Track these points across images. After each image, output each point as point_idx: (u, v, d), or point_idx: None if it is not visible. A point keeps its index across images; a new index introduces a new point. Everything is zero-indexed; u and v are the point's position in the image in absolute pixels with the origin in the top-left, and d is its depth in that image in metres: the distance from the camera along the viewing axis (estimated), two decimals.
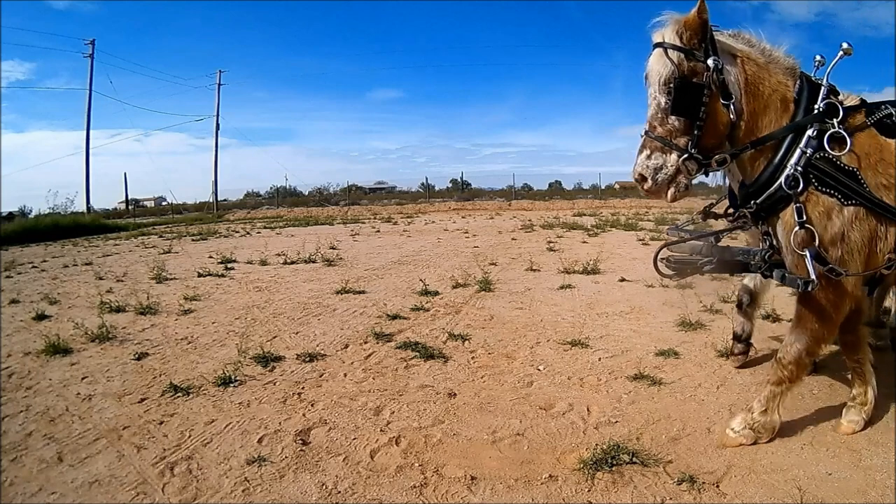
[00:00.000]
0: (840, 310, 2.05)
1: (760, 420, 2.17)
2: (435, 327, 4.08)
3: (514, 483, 1.97)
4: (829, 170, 1.92)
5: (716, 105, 1.92)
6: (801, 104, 1.97)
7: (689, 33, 1.90)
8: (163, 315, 4.68)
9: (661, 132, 1.94)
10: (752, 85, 1.97)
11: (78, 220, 18.43)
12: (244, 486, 1.99)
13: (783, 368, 2.14)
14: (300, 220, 20.90)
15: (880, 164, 1.98)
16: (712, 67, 1.87)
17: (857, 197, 1.92)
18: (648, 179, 1.96)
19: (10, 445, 2.34)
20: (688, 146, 1.91)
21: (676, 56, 1.88)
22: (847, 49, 1.97)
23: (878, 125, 2.02)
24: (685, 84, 1.88)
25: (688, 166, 1.93)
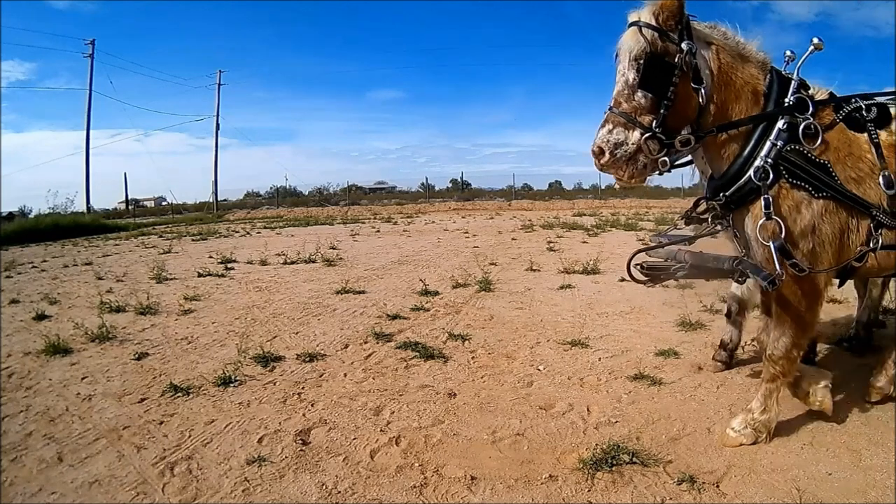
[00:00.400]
0: (818, 300, 2.08)
1: (761, 419, 2.18)
2: (435, 327, 4.08)
3: (514, 483, 1.97)
4: (801, 162, 1.93)
5: (685, 87, 1.90)
6: (772, 97, 1.99)
7: (665, 14, 1.88)
8: (163, 315, 4.68)
9: (627, 108, 1.90)
10: (725, 74, 1.97)
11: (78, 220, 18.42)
12: (244, 486, 1.99)
13: (774, 364, 2.15)
14: (300, 220, 20.90)
15: (849, 157, 2.00)
16: (686, 50, 1.87)
17: (829, 189, 1.93)
18: (606, 153, 1.91)
19: (10, 445, 2.34)
20: (652, 125, 1.88)
21: (650, 34, 1.87)
22: (817, 44, 1.97)
23: (847, 120, 2.04)
24: (656, 60, 1.86)
25: (650, 145, 1.89)
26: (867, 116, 2.04)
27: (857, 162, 2.00)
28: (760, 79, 2.02)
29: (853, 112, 2.04)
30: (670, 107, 1.88)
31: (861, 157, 2.00)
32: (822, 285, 2.07)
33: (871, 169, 1.99)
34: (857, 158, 2.00)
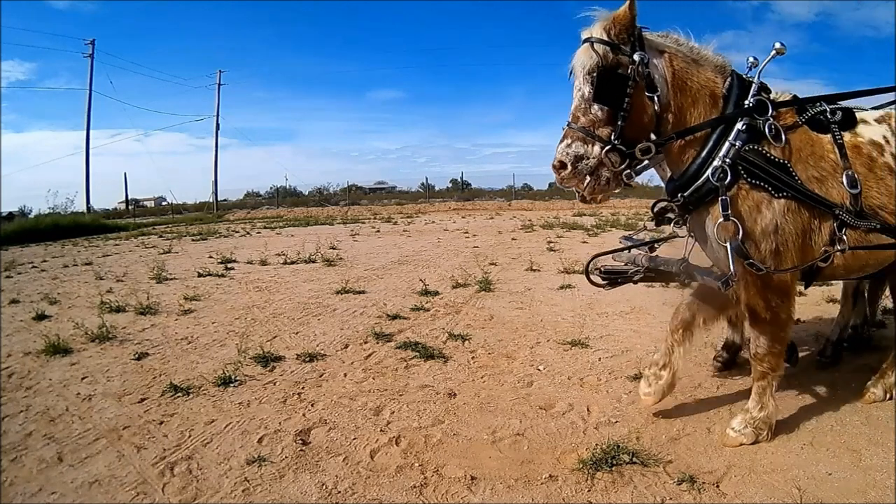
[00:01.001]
0: (789, 295, 2.09)
1: (760, 416, 2.18)
2: (435, 327, 4.08)
3: (514, 483, 1.97)
4: (759, 162, 1.94)
5: (640, 97, 1.93)
6: (731, 100, 2.00)
7: (617, 28, 1.92)
8: (163, 315, 4.68)
9: (584, 122, 1.93)
10: (680, 80, 1.99)
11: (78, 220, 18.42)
12: (244, 486, 1.99)
13: (761, 363, 2.17)
14: (300, 220, 20.90)
15: (811, 157, 2.02)
16: (638, 61, 1.90)
17: (789, 189, 1.94)
18: (568, 166, 1.92)
19: (10, 445, 2.34)
20: (611, 137, 1.91)
21: (602, 49, 1.90)
22: (780, 49, 2.01)
23: (810, 122, 2.06)
24: (609, 73, 1.89)
25: (611, 158, 1.91)
26: (831, 119, 2.06)
27: (820, 161, 2.02)
28: (718, 82, 2.04)
29: (817, 114, 2.06)
30: (627, 117, 1.92)
31: (823, 157, 2.03)
32: (792, 282, 2.09)
33: (833, 168, 2.02)
34: (819, 158, 2.02)
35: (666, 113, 1.99)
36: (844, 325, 3.09)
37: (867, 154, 2.08)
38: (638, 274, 2.23)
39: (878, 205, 2.05)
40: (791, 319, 2.17)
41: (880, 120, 2.20)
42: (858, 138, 2.11)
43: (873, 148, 2.10)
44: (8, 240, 13.33)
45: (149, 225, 19.83)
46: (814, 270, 2.13)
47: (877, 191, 2.05)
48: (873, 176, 2.06)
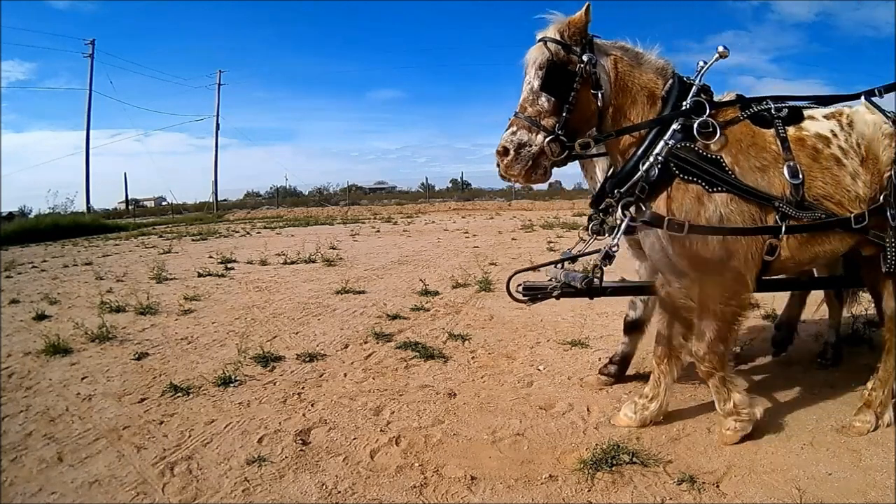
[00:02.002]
0: (736, 294, 2.10)
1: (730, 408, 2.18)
2: (435, 327, 4.08)
3: (514, 483, 1.97)
4: (692, 158, 2.00)
5: (586, 93, 2.03)
6: (670, 101, 2.09)
7: (571, 30, 2.03)
8: (163, 315, 4.68)
9: (531, 112, 2.03)
10: (622, 81, 2.09)
11: (78, 220, 18.43)
12: (244, 486, 1.99)
13: (703, 362, 2.17)
14: (300, 220, 20.90)
15: (752, 147, 2.07)
16: (586, 61, 2.01)
17: (722, 183, 1.99)
18: (511, 152, 2.01)
19: (10, 445, 2.34)
20: (555, 127, 2.00)
21: (554, 46, 2.02)
22: (722, 52, 2.09)
23: (753, 117, 2.12)
24: (558, 68, 2.01)
25: (552, 147, 2.00)
26: (776, 115, 2.13)
27: (761, 152, 2.07)
28: (659, 84, 2.13)
29: (761, 111, 2.13)
30: (571, 110, 2.02)
31: (765, 148, 2.08)
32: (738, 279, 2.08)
33: (774, 159, 2.06)
34: (760, 149, 2.07)
35: (607, 110, 2.09)
36: (838, 326, 3.09)
37: (812, 146, 2.12)
38: (556, 290, 2.26)
39: (822, 194, 2.08)
40: (736, 319, 2.16)
41: (829, 116, 2.24)
42: (803, 132, 2.15)
43: (819, 140, 2.14)
44: (8, 240, 13.33)
45: (149, 225, 19.83)
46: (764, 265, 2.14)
47: (822, 181, 2.08)
48: (818, 166, 2.10)
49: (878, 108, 2.27)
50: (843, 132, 2.18)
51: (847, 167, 2.13)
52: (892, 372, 2.30)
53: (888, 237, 2.14)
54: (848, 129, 2.19)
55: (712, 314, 2.11)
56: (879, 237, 2.14)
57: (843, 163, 2.13)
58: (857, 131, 2.19)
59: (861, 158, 2.15)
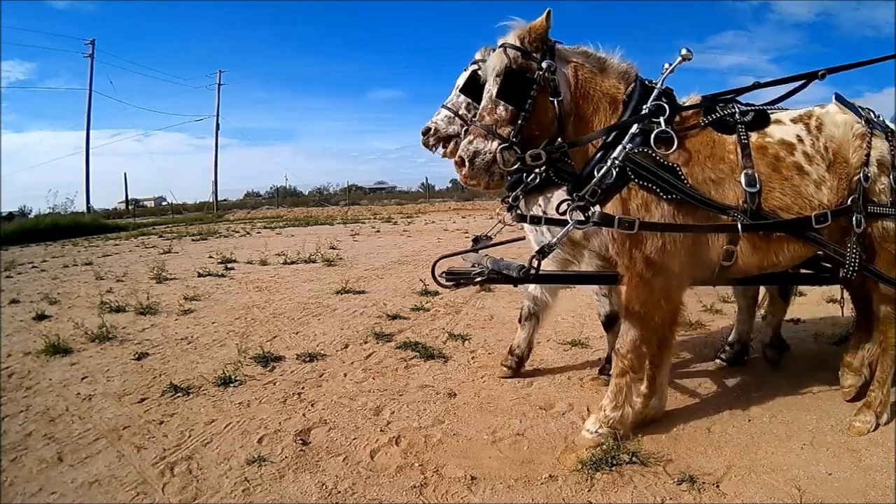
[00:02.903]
0: (669, 297, 2.11)
1: (614, 416, 2.18)
2: (435, 327, 4.09)
3: (514, 483, 1.97)
4: (648, 164, 2.00)
5: (544, 100, 2.02)
6: (630, 105, 2.08)
7: (531, 37, 2.02)
8: (163, 315, 4.68)
9: (488, 121, 2.03)
10: (583, 88, 2.09)
11: (78, 220, 18.42)
12: (244, 486, 1.99)
13: (622, 359, 2.17)
14: (300, 220, 20.89)
15: (710, 159, 2.07)
16: (545, 68, 1.99)
17: (676, 191, 1.98)
18: (466, 163, 2.03)
19: (10, 445, 2.34)
20: (510, 135, 1.99)
21: (513, 53, 2.01)
22: (685, 55, 2.09)
23: (716, 123, 2.11)
24: (515, 75, 1.99)
25: (505, 156, 1.99)
26: (740, 119, 2.12)
27: (718, 163, 2.07)
28: (621, 88, 2.12)
29: (724, 116, 2.12)
30: (528, 118, 2.00)
31: (724, 158, 2.08)
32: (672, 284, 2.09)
33: (732, 169, 2.06)
34: (718, 159, 2.07)
35: (568, 118, 2.09)
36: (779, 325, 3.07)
37: (773, 154, 2.10)
38: (480, 276, 2.28)
39: (779, 206, 2.07)
40: (665, 324, 2.16)
41: (797, 119, 2.21)
42: (766, 138, 2.13)
43: (782, 147, 2.12)
44: (8, 240, 13.32)
45: (149, 225, 19.83)
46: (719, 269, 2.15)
47: (780, 192, 2.07)
48: (778, 176, 2.08)
49: (850, 107, 2.24)
50: (810, 136, 2.16)
51: (811, 175, 2.11)
52: (889, 372, 2.29)
53: (849, 242, 2.11)
54: (816, 133, 2.16)
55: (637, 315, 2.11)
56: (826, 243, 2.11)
57: (806, 170, 2.11)
58: (826, 134, 2.16)
59: (828, 163, 2.13)
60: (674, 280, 2.10)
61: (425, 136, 2.85)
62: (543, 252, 2.08)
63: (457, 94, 2.80)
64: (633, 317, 2.15)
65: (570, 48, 2.12)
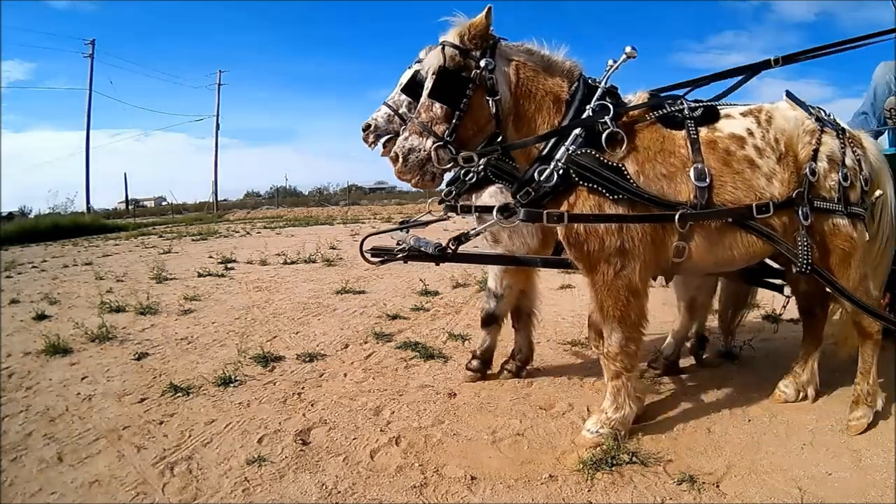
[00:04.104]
0: (637, 295, 2.10)
1: (616, 417, 2.17)
2: (435, 327, 4.09)
3: (514, 483, 1.97)
4: (592, 165, 1.99)
5: (480, 100, 2.00)
6: (574, 105, 2.07)
7: (471, 34, 2.01)
8: (163, 315, 4.68)
9: (424, 118, 2.02)
10: (524, 87, 2.07)
11: (78, 220, 18.42)
12: (244, 486, 1.99)
13: (613, 362, 2.17)
14: (300, 220, 20.89)
15: (660, 154, 2.05)
16: (483, 66, 1.98)
17: (623, 191, 1.97)
18: (400, 159, 2.04)
19: (10, 445, 2.34)
20: (444, 134, 1.99)
21: (450, 52, 1.99)
22: (630, 52, 2.09)
23: (664, 119, 2.11)
24: (450, 74, 1.98)
25: (440, 154, 1.99)
26: (689, 115, 2.10)
27: (669, 157, 2.06)
28: (564, 87, 2.11)
29: (672, 112, 2.11)
30: (463, 117, 1.99)
31: (674, 153, 2.06)
32: (638, 281, 2.08)
33: (683, 164, 2.04)
34: (669, 154, 2.06)
35: (508, 117, 2.08)
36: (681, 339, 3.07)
37: (724, 148, 2.09)
38: (402, 252, 2.34)
39: (732, 200, 2.05)
40: (641, 320, 2.16)
41: (746, 113, 2.21)
42: (716, 133, 2.12)
43: (732, 141, 2.11)
44: (8, 240, 13.32)
45: (149, 225, 19.82)
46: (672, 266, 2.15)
47: (732, 186, 2.06)
48: (729, 170, 2.07)
49: (800, 105, 2.24)
50: (761, 129, 2.14)
51: (762, 168, 2.10)
52: (871, 362, 2.30)
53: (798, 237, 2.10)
54: (766, 126, 2.15)
55: (617, 317, 2.11)
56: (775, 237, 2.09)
57: (757, 164, 2.10)
58: (776, 127, 2.15)
59: (779, 155, 2.12)
60: (637, 276, 2.08)
61: (365, 133, 2.88)
62: (460, 239, 2.17)
63: (398, 93, 2.81)
64: (611, 319, 2.13)
65: (513, 45, 2.11)
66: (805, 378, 2.55)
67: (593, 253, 2.05)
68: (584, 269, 2.14)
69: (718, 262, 2.21)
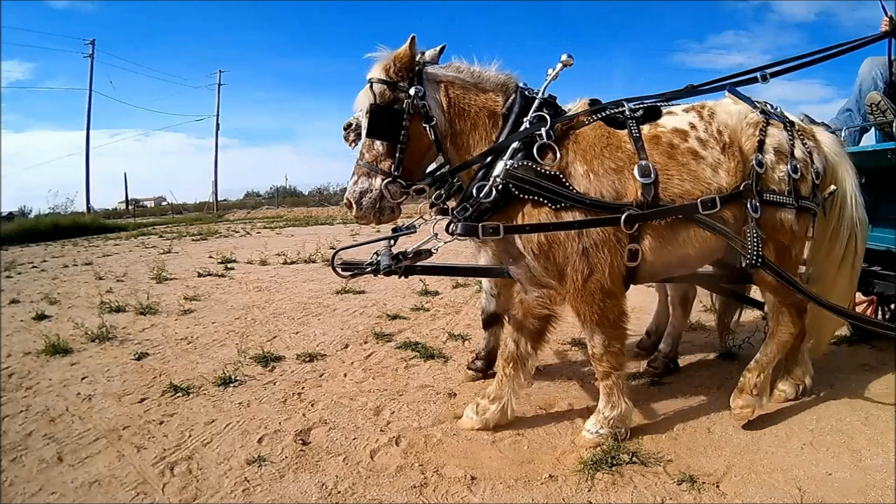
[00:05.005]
0: (612, 296, 2.08)
1: (612, 416, 2.17)
2: (435, 327, 4.09)
3: (514, 483, 1.97)
4: (529, 177, 1.98)
5: (417, 128, 2.03)
6: (511, 118, 2.06)
7: (396, 66, 2.02)
8: (163, 315, 4.68)
9: (368, 158, 2.05)
10: (456, 106, 2.07)
11: (78, 220, 18.40)
12: (244, 486, 1.99)
13: (600, 363, 2.16)
14: (300, 220, 20.88)
15: (607, 149, 2.06)
16: (413, 94, 2.00)
17: (564, 199, 1.96)
18: (354, 205, 2.06)
19: (10, 445, 2.34)
20: (391, 169, 2.01)
21: (378, 88, 2.01)
22: (565, 60, 2.09)
23: (606, 120, 2.11)
24: (382, 110, 2.00)
25: (390, 189, 2.03)
26: (630, 115, 2.10)
27: (616, 151, 2.05)
28: (499, 101, 2.11)
29: (613, 114, 2.11)
30: (405, 149, 2.01)
31: (620, 147, 2.06)
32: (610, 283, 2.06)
33: (629, 158, 2.04)
34: (615, 148, 2.06)
35: (446, 139, 2.08)
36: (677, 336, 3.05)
37: (667, 142, 2.09)
38: (371, 266, 2.34)
39: (680, 193, 2.03)
40: (622, 317, 2.14)
41: (688, 110, 2.22)
42: (659, 129, 2.12)
43: (675, 135, 2.11)
44: (8, 240, 13.30)
45: (149, 225, 19.81)
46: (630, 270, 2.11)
47: (679, 179, 2.04)
48: (674, 163, 2.06)
49: (744, 100, 2.24)
50: (703, 122, 2.14)
51: (706, 158, 2.08)
52: (771, 357, 2.31)
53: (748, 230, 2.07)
54: (709, 119, 2.15)
55: (595, 320, 2.10)
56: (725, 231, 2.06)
57: (701, 155, 2.08)
58: (719, 120, 2.15)
59: (723, 145, 2.10)
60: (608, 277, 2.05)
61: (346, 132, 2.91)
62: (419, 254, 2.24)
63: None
64: (590, 324, 2.12)
65: (440, 67, 2.11)
66: (799, 371, 2.54)
67: (559, 261, 2.04)
68: (554, 279, 2.11)
69: (675, 263, 2.18)
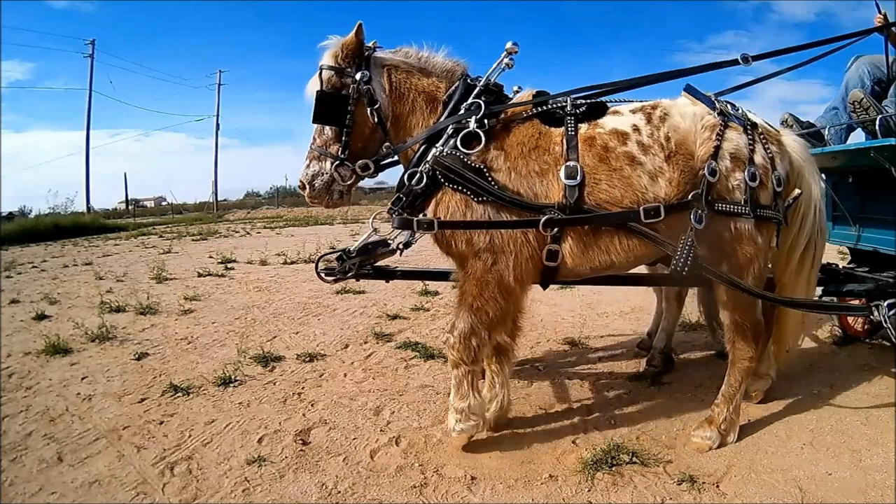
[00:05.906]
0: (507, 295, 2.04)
1: (464, 406, 2.12)
2: (435, 327, 4.09)
3: (514, 483, 1.97)
4: (455, 166, 1.97)
5: (362, 112, 2.10)
6: (450, 104, 2.08)
7: (344, 53, 2.08)
8: (163, 315, 4.68)
9: (319, 142, 2.12)
10: (397, 90, 2.12)
11: (78, 220, 18.38)
12: (244, 486, 1.99)
13: (451, 350, 2.11)
14: (300, 220, 20.87)
15: (534, 151, 2.03)
16: (359, 79, 2.06)
17: (485, 193, 1.95)
18: (307, 186, 2.12)
19: (10, 445, 2.34)
20: (339, 153, 2.09)
21: (326, 74, 2.08)
22: (510, 48, 2.09)
23: (543, 116, 2.08)
24: (327, 96, 2.06)
25: (340, 172, 2.11)
26: (570, 112, 2.06)
27: (543, 154, 2.02)
28: (441, 87, 2.14)
29: (552, 108, 2.08)
30: (350, 133, 2.09)
31: (548, 150, 2.02)
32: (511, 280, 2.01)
33: (556, 161, 2.00)
34: (543, 151, 2.02)
35: (388, 122, 2.13)
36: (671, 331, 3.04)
37: (601, 144, 1.99)
38: (351, 270, 2.39)
39: (607, 199, 1.95)
40: (497, 319, 2.06)
41: (636, 110, 2.10)
42: (597, 129, 2.04)
43: (612, 137, 2.00)
44: (8, 240, 13.30)
45: (149, 225, 19.80)
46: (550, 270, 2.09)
47: (608, 184, 1.95)
48: (605, 167, 1.96)
49: (702, 99, 2.10)
50: (650, 126, 2.02)
51: (644, 165, 1.97)
52: (737, 388, 2.19)
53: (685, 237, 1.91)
54: (658, 123, 2.03)
55: (468, 307, 2.05)
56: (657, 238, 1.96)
57: (639, 160, 1.97)
58: (670, 124, 2.01)
59: (668, 153, 1.97)
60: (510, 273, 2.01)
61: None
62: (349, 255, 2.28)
63: None
64: (465, 307, 2.06)
65: (388, 52, 2.16)
66: (763, 368, 2.49)
67: (462, 250, 2.03)
68: (456, 264, 2.13)
69: (597, 267, 2.09)
